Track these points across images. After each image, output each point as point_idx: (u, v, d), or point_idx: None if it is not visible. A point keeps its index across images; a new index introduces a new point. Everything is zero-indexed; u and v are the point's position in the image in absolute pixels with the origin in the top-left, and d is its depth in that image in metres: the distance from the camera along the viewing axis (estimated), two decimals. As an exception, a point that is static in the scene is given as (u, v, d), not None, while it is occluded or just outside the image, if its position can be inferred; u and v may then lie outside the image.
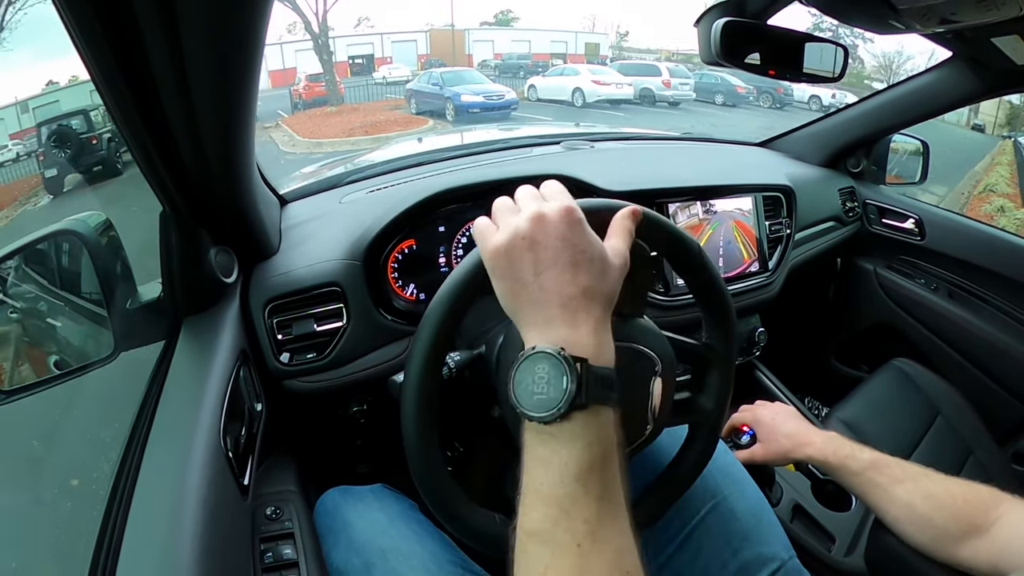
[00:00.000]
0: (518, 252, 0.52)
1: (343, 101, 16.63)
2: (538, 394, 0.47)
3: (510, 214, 0.55)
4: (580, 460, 0.46)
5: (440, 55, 27.89)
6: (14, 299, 0.91)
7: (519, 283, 0.52)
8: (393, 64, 23.79)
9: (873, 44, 22.97)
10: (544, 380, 0.47)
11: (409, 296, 1.10)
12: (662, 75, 16.38)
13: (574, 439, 0.47)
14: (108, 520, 0.64)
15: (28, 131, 5.59)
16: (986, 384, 1.55)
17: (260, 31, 0.55)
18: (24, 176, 5.23)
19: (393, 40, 29.79)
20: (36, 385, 0.83)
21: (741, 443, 1.03)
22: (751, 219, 1.39)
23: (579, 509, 0.45)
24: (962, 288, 1.63)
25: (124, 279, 0.85)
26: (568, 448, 0.47)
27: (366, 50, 28.69)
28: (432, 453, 0.62)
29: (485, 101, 13.07)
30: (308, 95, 16.53)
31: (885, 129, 1.66)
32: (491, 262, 0.54)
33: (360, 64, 27.02)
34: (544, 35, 32.88)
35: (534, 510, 0.46)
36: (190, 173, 0.71)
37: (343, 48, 27.58)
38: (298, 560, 0.79)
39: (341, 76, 20.97)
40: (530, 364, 0.49)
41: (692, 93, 16.45)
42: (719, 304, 0.75)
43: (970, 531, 0.73)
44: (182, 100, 0.59)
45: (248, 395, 0.86)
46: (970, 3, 0.77)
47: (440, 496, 0.63)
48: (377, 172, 1.35)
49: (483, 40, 30.69)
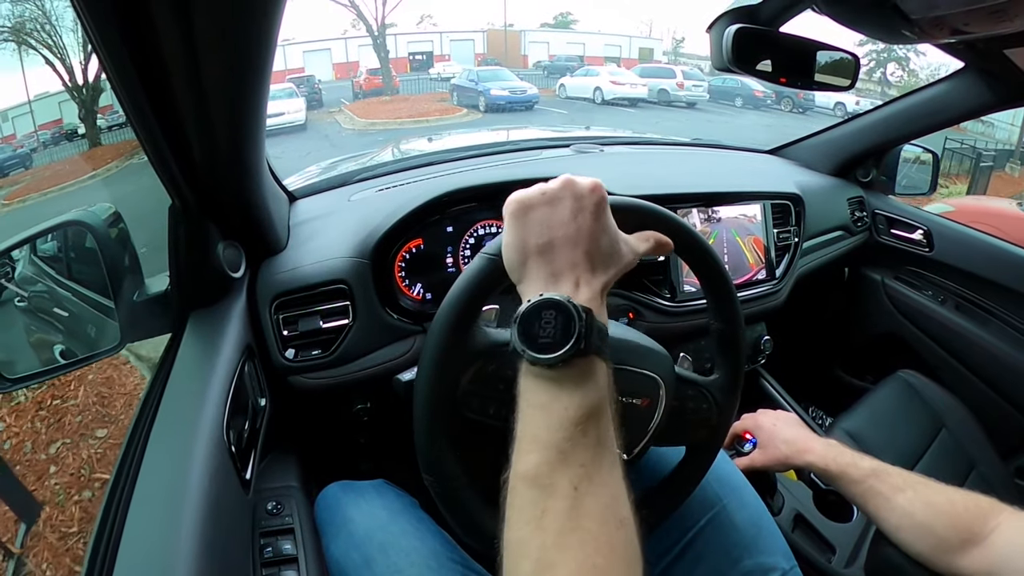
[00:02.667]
0: (539, 204, 0.55)
1: (397, 92, 19.65)
2: (543, 338, 0.49)
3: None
4: (580, 406, 0.48)
5: (496, 54, 29.46)
6: (22, 287, 0.92)
7: (532, 234, 0.54)
8: (449, 62, 25.90)
9: (926, 56, 22.95)
10: (551, 325, 0.49)
11: (416, 295, 1.10)
12: (676, 77, 17.80)
13: (574, 385, 0.49)
14: (109, 510, 0.64)
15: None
16: (991, 398, 1.54)
17: (272, 31, 0.56)
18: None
19: (452, 39, 31.61)
20: (41, 374, 0.84)
21: (743, 451, 1.03)
22: (759, 227, 1.39)
23: (577, 454, 0.46)
24: (969, 300, 1.62)
25: (132, 271, 0.85)
26: (568, 394, 0.48)
27: (426, 47, 30.69)
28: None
29: (510, 95, 15.19)
30: (367, 86, 19.68)
31: (895, 139, 1.65)
32: (512, 208, 0.56)
33: (420, 60, 29.01)
34: (599, 39, 34.19)
35: (531, 454, 0.47)
36: (200, 168, 0.71)
37: (404, 44, 29.78)
38: (297, 555, 0.80)
39: (401, 71, 24.75)
40: (536, 310, 0.50)
41: (705, 95, 17.73)
42: (732, 345, 0.78)
43: (969, 540, 0.73)
44: (194, 97, 0.59)
45: (252, 390, 0.86)
46: (983, 14, 0.77)
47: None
48: (386, 171, 1.36)
49: (539, 41, 32.27)
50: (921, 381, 1.46)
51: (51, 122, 2.76)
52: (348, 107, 16.73)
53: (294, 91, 14.60)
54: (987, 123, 8.61)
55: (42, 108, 2.53)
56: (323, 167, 1.73)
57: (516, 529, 0.45)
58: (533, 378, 0.50)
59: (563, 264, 0.53)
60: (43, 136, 2.63)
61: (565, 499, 0.44)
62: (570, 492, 0.44)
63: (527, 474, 0.46)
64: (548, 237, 0.53)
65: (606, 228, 0.56)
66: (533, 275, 0.54)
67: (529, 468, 0.46)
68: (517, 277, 0.56)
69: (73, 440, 2.28)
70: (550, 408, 0.48)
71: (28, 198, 2.64)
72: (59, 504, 1.98)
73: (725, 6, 0.87)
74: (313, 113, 15.15)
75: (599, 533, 0.44)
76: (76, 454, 2.22)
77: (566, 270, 0.53)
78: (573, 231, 0.53)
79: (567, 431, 0.47)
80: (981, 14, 0.77)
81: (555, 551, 0.42)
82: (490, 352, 0.66)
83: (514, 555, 0.44)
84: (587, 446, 0.47)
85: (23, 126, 2.37)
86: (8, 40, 1.90)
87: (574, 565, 0.42)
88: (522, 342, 0.50)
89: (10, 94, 2.08)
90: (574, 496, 0.44)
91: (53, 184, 2.68)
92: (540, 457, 0.46)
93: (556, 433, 0.47)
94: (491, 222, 1.15)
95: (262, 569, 0.77)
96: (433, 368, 0.62)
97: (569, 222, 0.54)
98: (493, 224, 1.15)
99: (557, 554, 0.42)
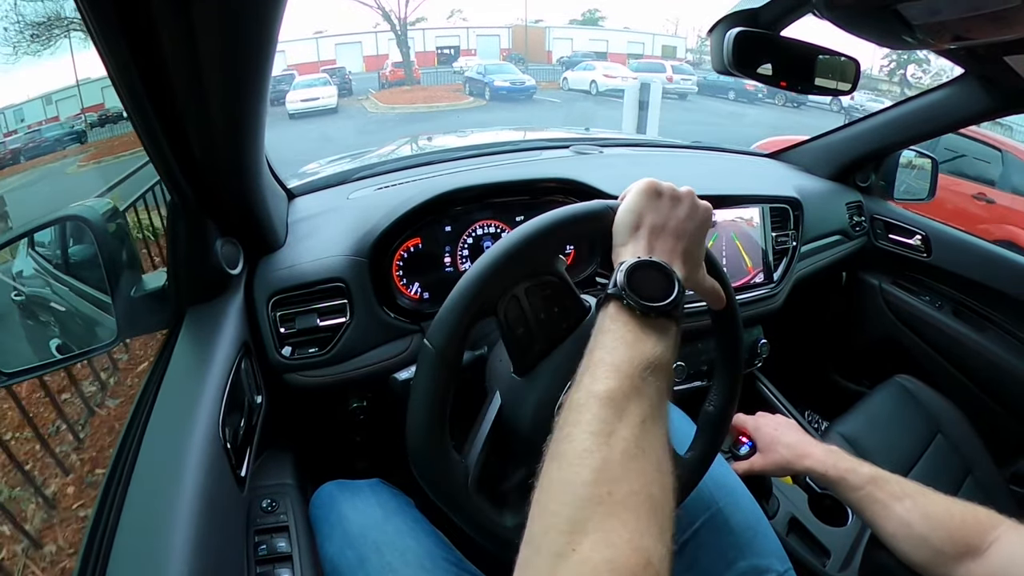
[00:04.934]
0: (665, 195, 0.64)
1: (418, 83, 22.57)
2: (645, 289, 0.56)
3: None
4: (657, 355, 0.53)
5: (520, 50, 30.67)
6: (19, 282, 0.92)
7: (651, 211, 0.63)
8: (475, 57, 27.47)
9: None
10: (653, 283, 0.56)
11: (413, 295, 1.10)
12: (666, 71, 19.84)
13: (658, 336, 0.54)
14: (104, 504, 0.64)
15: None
16: (987, 404, 1.54)
17: (273, 30, 0.56)
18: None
19: (478, 34, 33.23)
20: (38, 368, 0.83)
21: (740, 454, 1.03)
22: (757, 230, 1.39)
23: (648, 392, 0.50)
24: (967, 306, 1.62)
25: (129, 266, 0.85)
26: (652, 341, 0.53)
27: (453, 42, 32.48)
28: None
29: (511, 86, 17.58)
30: (392, 77, 22.62)
31: (895, 144, 1.65)
32: (644, 186, 0.64)
33: (447, 54, 30.74)
34: (622, 35, 35.38)
35: (610, 379, 0.49)
36: (199, 165, 0.71)
37: (433, 39, 31.78)
38: (291, 553, 0.79)
39: (430, 64, 28.20)
40: (644, 267, 0.57)
41: (694, 88, 19.69)
42: (717, 429, 0.80)
43: (966, 552, 0.73)
44: (194, 95, 0.59)
45: (248, 387, 0.86)
46: (983, 20, 0.77)
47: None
48: (386, 170, 1.36)
49: (563, 38, 33.42)
50: (917, 386, 1.46)
51: (94, 105, 2.81)
52: (374, 95, 19.47)
53: (328, 80, 17.53)
54: (1004, 126, 8.61)
55: (87, 92, 2.60)
56: (322, 164, 1.73)
57: (580, 440, 0.46)
58: (624, 319, 0.55)
59: (666, 247, 0.61)
60: (90, 117, 2.69)
61: (634, 427, 0.46)
62: (639, 422, 0.47)
63: (603, 394, 0.48)
64: (663, 222, 0.62)
65: (702, 243, 0.66)
66: (640, 243, 0.61)
67: (606, 389, 0.48)
68: (623, 239, 0.62)
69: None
70: (634, 346, 0.52)
71: (103, 160, 2.72)
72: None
73: (729, 8, 0.88)
74: (344, 100, 17.51)
75: (659, 467, 0.46)
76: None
77: (667, 252, 0.61)
78: (682, 229, 0.63)
79: (645, 371, 0.51)
80: (982, 21, 0.77)
81: (619, 468, 0.44)
82: (556, 280, 0.68)
83: (573, 463, 0.44)
84: (656, 390, 0.51)
85: (66, 109, 2.42)
86: (55, 28, 1.96)
87: (637, 486, 0.43)
88: (627, 285, 0.55)
89: (57, 79, 2.15)
90: (641, 427, 0.47)
91: (121, 151, 2.77)
92: (618, 383, 0.49)
93: (635, 368, 0.50)
94: (490, 222, 1.15)
95: (256, 566, 0.76)
96: (510, 250, 0.63)
97: (684, 220, 0.63)
98: (492, 224, 1.15)
99: (621, 471, 0.43)
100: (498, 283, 0.63)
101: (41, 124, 2.32)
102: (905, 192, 1.74)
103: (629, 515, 0.41)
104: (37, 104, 2.26)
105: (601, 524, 0.40)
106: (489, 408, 0.70)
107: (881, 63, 25.19)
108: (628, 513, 0.41)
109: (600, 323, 0.56)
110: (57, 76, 2.18)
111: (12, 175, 2.07)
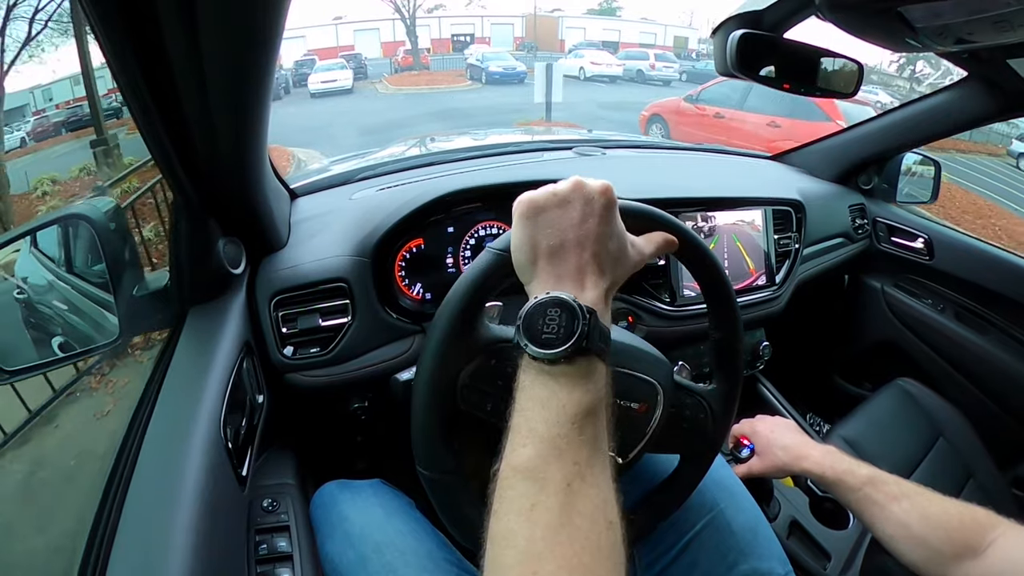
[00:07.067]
0: (549, 206, 0.55)
1: (426, 68, 24.71)
2: (547, 334, 0.50)
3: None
4: (578, 403, 0.48)
5: (534, 38, 31.74)
6: (21, 280, 0.92)
7: (542, 235, 0.54)
8: (487, 45, 30.03)
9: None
10: (555, 322, 0.50)
11: (415, 295, 1.10)
12: (649, 59, 21.46)
13: (573, 383, 0.49)
14: (104, 504, 0.64)
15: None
16: (989, 407, 1.54)
17: (276, 32, 0.56)
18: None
19: (493, 22, 34.51)
20: (40, 367, 0.83)
21: (741, 456, 1.03)
22: (760, 232, 1.39)
23: (572, 451, 0.46)
24: (969, 310, 1.62)
25: (132, 265, 0.85)
26: (567, 391, 0.49)
27: (468, 29, 33.84)
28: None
29: (503, 71, 19.20)
30: (403, 63, 25.46)
31: (898, 147, 1.65)
32: (523, 209, 0.56)
33: (461, 41, 32.19)
34: (635, 25, 36.40)
35: (526, 447, 0.47)
36: (203, 164, 0.71)
37: (448, 27, 33.35)
38: (292, 553, 0.79)
39: (444, 51, 30.36)
40: (542, 307, 0.51)
41: (676, 75, 20.92)
42: (731, 355, 0.78)
43: (964, 553, 0.73)
44: (198, 95, 0.59)
45: (250, 387, 0.86)
46: (987, 23, 0.77)
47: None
48: (388, 170, 1.36)
49: (576, 27, 34.73)
50: (919, 389, 1.46)
51: (113, 88, 2.89)
52: (386, 79, 22.01)
53: (345, 64, 19.84)
54: (1012, 125, 8.59)
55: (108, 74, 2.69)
56: (324, 164, 1.74)
57: (505, 520, 0.44)
58: (534, 373, 0.51)
59: (571, 266, 0.54)
60: (119, 97, 2.77)
61: (557, 495, 0.44)
62: (563, 488, 0.44)
63: (521, 466, 0.46)
64: (558, 239, 0.54)
65: (614, 231, 0.57)
66: (541, 275, 0.54)
67: (524, 460, 0.46)
68: (526, 277, 0.56)
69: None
70: (548, 403, 0.48)
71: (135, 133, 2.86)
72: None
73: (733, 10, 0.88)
74: (359, 83, 20.03)
75: (588, 532, 0.43)
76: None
77: (574, 272, 0.54)
78: (582, 234, 0.54)
79: (564, 427, 0.47)
80: (985, 24, 0.77)
81: (543, 544, 0.42)
82: (492, 347, 0.66)
83: (500, 545, 0.44)
84: (582, 444, 0.47)
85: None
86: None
87: (561, 560, 0.41)
88: (526, 336, 0.50)
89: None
90: (566, 492, 0.44)
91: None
92: (535, 450, 0.46)
93: (553, 428, 0.47)
94: (492, 223, 1.15)
95: (256, 566, 0.77)
96: (435, 359, 0.62)
97: (579, 224, 0.54)
98: (494, 225, 1.15)
99: (545, 548, 0.42)
100: (444, 389, 0.63)
101: (82, 101, 2.45)
102: (908, 195, 1.74)
103: None
104: (66, 84, 2.37)
105: None
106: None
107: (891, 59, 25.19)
108: None
109: (518, 379, 0.52)
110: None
111: (86, 136, 2.21)
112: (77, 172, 2.22)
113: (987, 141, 11.40)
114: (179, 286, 0.85)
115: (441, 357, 0.62)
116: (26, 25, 1.96)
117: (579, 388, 0.49)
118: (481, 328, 0.66)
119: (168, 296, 0.86)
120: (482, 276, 0.62)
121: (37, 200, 1.99)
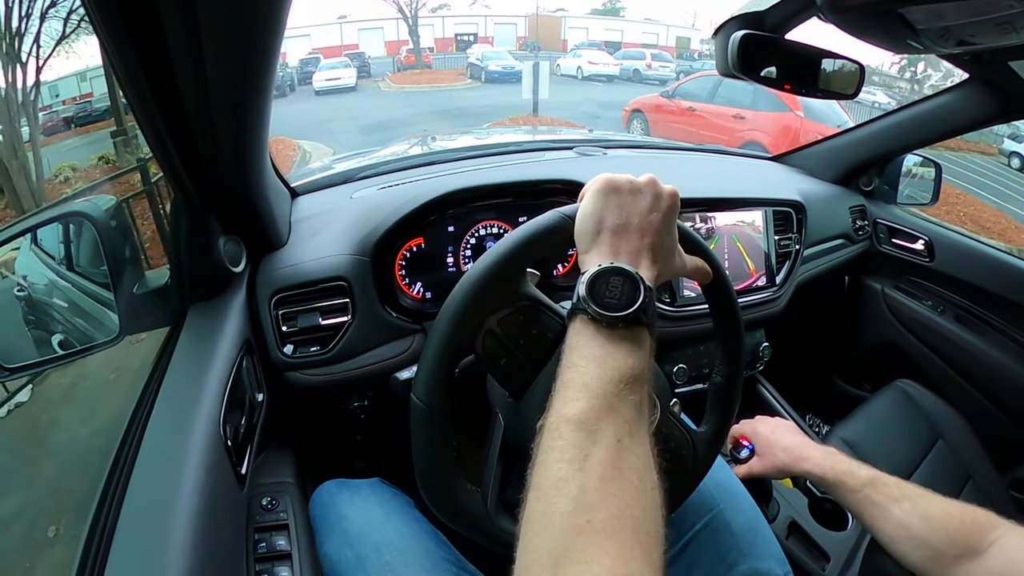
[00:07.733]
0: (624, 190, 0.61)
1: (429, 67, 24.84)
2: (609, 299, 0.53)
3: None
4: (631, 368, 0.51)
5: (536, 38, 31.62)
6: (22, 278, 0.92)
7: (611, 212, 0.59)
8: (490, 44, 30.44)
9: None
10: (617, 289, 0.54)
11: (415, 294, 1.10)
12: (646, 59, 21.68)
13: (629, 348, 0.52)
14: (104, 500, 0.64)
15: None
16: (988, 409, 1.54)
17: (277, 33, 0.56)
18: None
19: (496, 22, 34.84)
20: (39, 364, 0.83)
21: (740, 457, 1.03)
22: (760, 233, 1.39)
23: (622, 409, 0.48)
24: (969, 312, 1.62)
25: (132, 263, 0.85)
26: (623, 353, 0.51)
27: (472, 29, 34.10)
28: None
29: (502, 70, 19.32)
30: (406, 62, 25.54)
31: (898, 149, 1.65)
32: (599, 185, 0.61)
33: (465, 41, 32.33)
34: (637, 26, 36.54)
35: (580, 401, 0.48)
36: (204, 163, 0.71)
37: (452, 26, 33.47)
38: (291, 551, 0.79)
39: (447, 50, 30.42)
40: (606, 274, 0.54)
41: (673, 74, 20.18)
42: (726, 404, 0.79)
43: (965, 554, 0.73)
44: (200, 94, 0.60)
45: (250, 385, 0.86)
46: (988, 25, 0.77)
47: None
48: (389, 169, 1.36)
49: (578, 27, 34.89)
50: (919, 391, 1.46)
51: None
52: (388, 77, 22.23)
53: (348, 63, 20.11)
54: (1013, 126, 8.64)
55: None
56: (325, 163, 1.73)
57: (555, 469, 0.45)
58: (590, 334, 0.53)
59: (632, 246, 0.58)
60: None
61: (609, 448, 0.45)
62: (614, 443, 0.46)
63: (574, 417, 0.47)
64: (625, 220, 0.59)
65: (671, 231, 0.62)
66: (603, 247, 0.58)
67: (577, 412, 0.47)
68: (585, 246, 0.60)
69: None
70: (604, 362, 0.50)
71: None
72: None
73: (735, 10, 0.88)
74: (363, 81, 20.26)
75: (639, 487, 0.45)
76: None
77: (633, 252, 0.58)
78: (647, 222, 0.59)
79: (616, 386, 0.49)
80: (987, 26, 0.77)
81: (596, 494, 0.43)
82: (525, 303, 0.67)
83: (550, 493, 0.44)
84: (632, 405, 0.49)
85: (99, 86, 2.57)
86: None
87: (615, 510, 0.42)
88: (589, 297, 0.53)
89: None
90: (617, 447, 0.46)
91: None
92: (589, 404, 0.48)
93: (607, 385, 0.49)
94: (493, 223, 1.15)
95: (255, 564, 0.77)
96: (473, 289, 0.62)
97: (645, 213, 0.59)
98: (494, 224, 1.15)
99: (599, 497, 0.43)
100: (467, 324, 0.63)
101: (88, 97, 2.60)
102: (908, 196, 1.74)
103: (610, 543, 0.40)
104: (72, 81, 2.49)
105: (582, 555, 0.39)
106: (494, 432, 0.70)
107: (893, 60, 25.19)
108: (609, 541, 0.40)
109: (569, 339, 0.54)
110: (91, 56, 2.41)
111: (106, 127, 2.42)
112: (96, 160, 2.43)
113: (980, 140, 11.47)
114: (179, 284, 0.85)
115: (479, 291, 0.62)
116: (60, 24, 2.03)
117: (633, 354, 0.52)
118: (522, 280, 0.67)
119: (168, 294, 0.87)
120: (543, 230, 0.64)
121: (61, 184, 2.16)
